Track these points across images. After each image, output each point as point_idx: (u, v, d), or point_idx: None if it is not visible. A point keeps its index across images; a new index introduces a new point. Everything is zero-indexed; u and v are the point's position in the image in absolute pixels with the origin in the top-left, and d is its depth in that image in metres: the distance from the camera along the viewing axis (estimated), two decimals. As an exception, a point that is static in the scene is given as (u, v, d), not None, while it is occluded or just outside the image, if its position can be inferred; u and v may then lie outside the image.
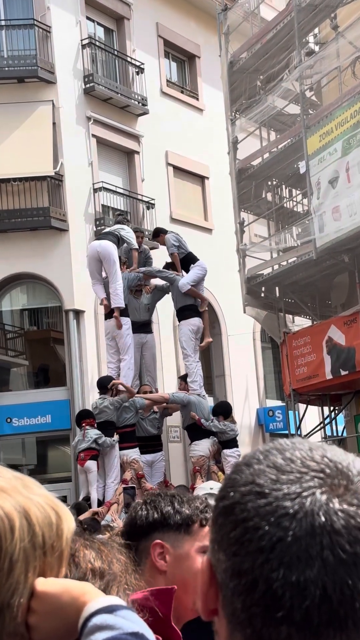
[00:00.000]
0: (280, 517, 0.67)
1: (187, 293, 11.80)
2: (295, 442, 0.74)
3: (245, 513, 0.69)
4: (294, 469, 0.70)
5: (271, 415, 17.95)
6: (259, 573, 0.67)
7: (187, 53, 18.78)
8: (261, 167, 14.58)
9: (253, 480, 0.70)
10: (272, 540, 0.67)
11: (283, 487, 0.69)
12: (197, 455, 11.26)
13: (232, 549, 0.69)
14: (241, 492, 0.70)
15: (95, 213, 15.57)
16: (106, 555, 1.57)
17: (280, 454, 0.72)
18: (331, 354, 13.00)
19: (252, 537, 0.68)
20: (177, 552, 1.84)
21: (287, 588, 0.65)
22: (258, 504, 0.69)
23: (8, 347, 16.50)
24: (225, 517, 0.71)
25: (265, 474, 0.70)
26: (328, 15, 13.39)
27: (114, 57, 16.96)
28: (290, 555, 0.66)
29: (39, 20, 15.45)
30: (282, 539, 0.67)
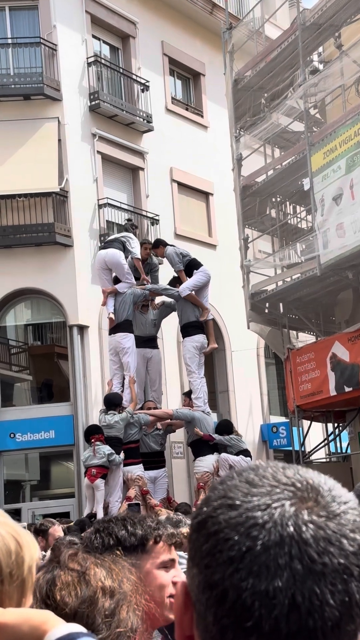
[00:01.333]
0: (250, 528, 0.68)
1: (186, 298, 11.84)
2: (269, 463, 0.75)
3: (216, 526, 0.69)
4: (265, 483, 0.71)
5: (275, 432, 17.90)
6: (229, 583, 0.67)
7: (192, 71, 18.93)
8: (265, 183, 14.65)
9: (225, 495, 0.71)
10: (241, 550, 0.67)
11: (253, 499, 0.69)
12: (201, 471, 11.23)
13: (204, 561, 0.69)
14: (213, 507, 0.71)
15: (99, 229, 15.63)
16: (117, 574, 1.56)
17: (253, 471, 0.73)
18: (335, 370, 12.99)
19: (222, 547, 0.68)
20: (139, 571, 1.88)
21: (256, 597, 0.65)
22: (229, 515, 0.69)
23: (12, 362, 16.51)
24: (199, 532, 0.71)
25: (237, 488, 0.71)
26: (332, 34, 13.51)
27: (120, 74, 17.11)
28: (259, 565, 0.66)
29: (45, 39, 15.60)
30: (251, 548, 0.67)
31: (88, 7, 16.24)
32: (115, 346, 11.80)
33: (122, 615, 1.48)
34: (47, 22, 15.72)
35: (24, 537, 0.89)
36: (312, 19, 13.08)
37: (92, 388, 14.76)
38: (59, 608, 1.38)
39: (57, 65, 15.64)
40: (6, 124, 15.06)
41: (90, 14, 16.30)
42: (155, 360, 12.54)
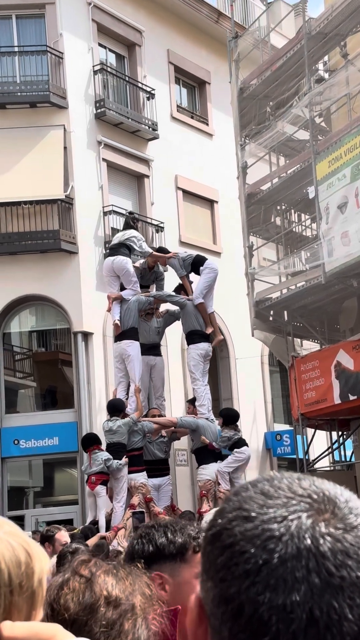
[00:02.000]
0: (266, 540, 0.66)
1: (198, 307, 11.90)
2: (284, 474, 0.74)
3: (232, 538, 0.68)
4: (281, 495, 0.70)
5: (279, 440, 17.87)
6: (245, 597, 0.65)
7: (198, 79, 19.00)
8: (270, 191, 14.68)
9: (240, 506, 0.70)
10: (258, 563, 0.66)
11: (269, 511, 0.68)
12: (204, 479, 11.21)
13: (220, 575, 0.68)
14: (228, 518, 0.70)
15: (104, 236, 15.67)
16: (127, 586, 1.53)
17: (268, 482, 0.72)
18: (340, 378, 12.97)
19: (238, 561, 0.67)
20: (176, 581, 1.89)
21: (273, 612, 0.64)
22: (245, 527, 0.68)
23: (16, 369, 16.52)
24: (213, 544, 0.70)
25: (252, 499, 0.70)
26: (338, 44, 13.56)
27: (125, 82, 17.18)
28: (276, 578, 0.65)
29: (52, 47, 15.68)
30: (267, 561, 0.65)
31: (94, 16, 16.33)
32: (121, 353, 11.81)
33: (125, 627, 1.46)
34: (53, 30, 15.80)
35: (35, 548, 0.89)
36: (318, 28, 13.12)
37: (96, 395, 14.76)
38: (60, 612, 1.38)
39: (63, 73, 15.71)
40: (12, 131, 15.12)
41: (96, 22, 16.38)
42: (158, 368, 12.54)
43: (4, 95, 15.37)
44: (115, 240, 12.23)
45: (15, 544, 0.86)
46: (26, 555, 0.86)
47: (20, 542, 0.87)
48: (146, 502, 10.74)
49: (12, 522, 0.91)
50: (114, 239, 12.47)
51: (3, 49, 15.83)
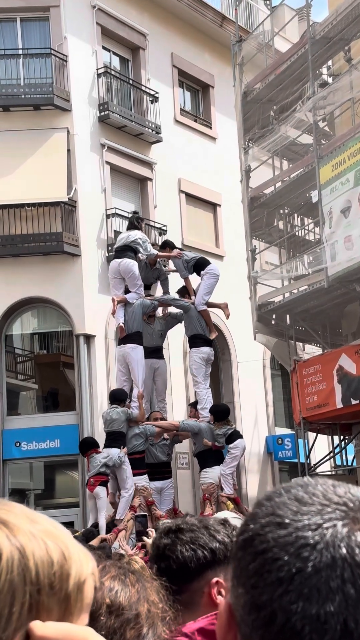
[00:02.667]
0: (300, 548, 0.65)
1: (202, 314, 11.91)
2: (318, 479, 0.72)
3: (264, 544, 0.67)
4: (315, 502, 0.68)
5: (280, 444, 17.85)
6: (278, 605, 0.64)
7: (201, 83, 19.02)
8: (273, 195, 14.69)
9: (273, 512, 0.68)
10: (291, 572, 0.64)
11: (304, 518, 0.67)
12: (207, 482, 11.20)
13: (251, 581, 0.67)
14: (261, 524, 0.68)
15: (107, 239, 15.68)
16: (134, 593, 1.50)
17: (302, 488, 0.70)
18: (342, 382, 12.96)
19: (271, 568, 0.65)
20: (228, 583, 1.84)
21: (307, 622, 0.63)
22: (278, 534, 0.66)
23: (18, 371, 16.52)
24: (245, 550, 0.69)
25: (286, 505, 0.68)
26: (342, 48, 13.58)
27: (129, 85, 17.20)
28: (309, 587, 0.63)
29: (56, 50, 15.71)
30: (301, 570, 0.64)
31: (99, 19, 16.36)
32: (124, 357, 11.81)
33: (127, 636, 1.44)
34: (57, 33, 15.83)
35: (74, 550, 0.86)
36: (322, 32, 13.14)
37: (97, 397, 14.75)
38: None
39: (67, 76, 15.74)
40: (16, 133, 15.14)
41: (100, 25, 16.42)
42: (161, 371, 12.55)
43: (8, 97, 15.40)
44: (121, 242, 12.20)
45: (50, 543, 0.84)
46: (61, 555, 0.84)
47: (59, 543, 0.85)
48: (148, 505, 10.72)
49: (57, 522, 0.90)
50: (119, 240, 12.44)
51: (7, 52, 15.86)
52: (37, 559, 0.82)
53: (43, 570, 0.82)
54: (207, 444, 11.28)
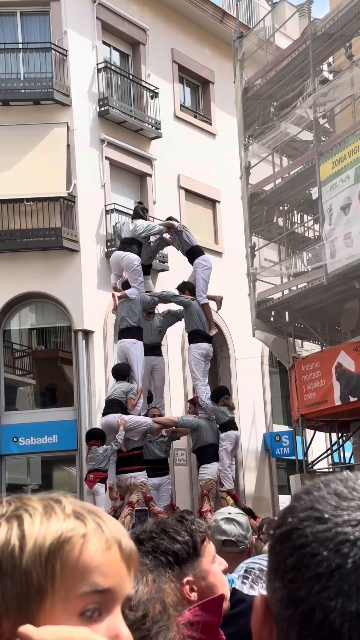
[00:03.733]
0: (339, 544, 0.64)
1: (204, 308, 11.95)
2: (358, 474, 0.71)
3: (303, 539, 0.66)
4: (355, 497, 0.67)
5: (278, 441, 17.85)
6: (316, 601, 0.64)
7: (201, 79, 18.98)
8: (273, 192, 14.66)
9: (312, 506, 0.68)
10: (330, 567, 0.64)
11: (343, 513, 0.66)
12: (205, 478, 11.20)
13: (289, 575, 0.66)
14: (299, 518, 0.68)
15: (106, 234, 15.65)
16: (145, 593, 1.44)
17: (342, 483, 0.69)
18: (340, 380, 12.96)
19: (309, 563, 0.65)
20: (201, 575, 1.89)
21: (346, 618, 0.62)
22: (317, 529, 0.66)
23: (15, 366, 16.50)
24: (282, 543, 0.68)
25: (325, 500, 0.68)
26: (343, 45, 13.54)
27: (129, 81, 17.16)
28: (349, 584, 0.63)
29: (56, 44, 15.66)
30: (341, 566, 0.64)
31: (99, 14, 16.31)
32: (124, 352, 11.79)
33: (136, 636, 1.41)
34: (58, 27, 15.78)
35: (36, 522, 0.83)
36: (323, 29, 13.11)
37: (96, 393, 14.74)
38: None
39: (67, 70, 15.69)
40: (15, 128, 15.10)
41: (101, 20, 16.36)
42: (159, 368, 12.54)
43: (7, 92, 15.35)
44: (127, 233, 12.14)
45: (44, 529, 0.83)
46: (12, 530, 0.82)
47: (11, 518, 0.83)
48: (146, 501, 10.72)
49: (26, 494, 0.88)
50: (123, 230, 12.34)
51: (7, 46, 15.80)
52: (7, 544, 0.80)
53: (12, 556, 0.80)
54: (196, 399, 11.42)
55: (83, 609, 0.81)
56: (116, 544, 0.86)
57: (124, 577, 0.85)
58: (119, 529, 0.88)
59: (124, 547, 0.86)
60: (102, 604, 0.83)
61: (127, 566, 0.86)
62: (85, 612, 0.82)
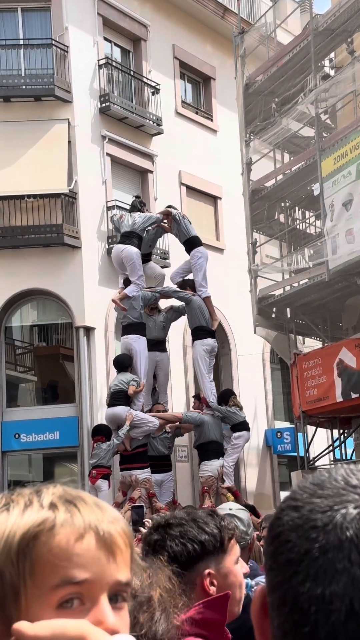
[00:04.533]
0: (308, 530, 0.65)
1: (206, 301, 11.97)
2: (350, 466, 0.71)
3: (279, 527, 0.68)
4: (333, 486, 0.68)
5: (279, 437, 17.85)
6: (287, 587, 0.65)
7: (203, 75, 18.95)
8: (275, 188, 14.65)
9: (293, 496, 0.69)
10: (299, 553, 0.65)
11: (317, 501, 0.67)
12: (206, 475, 11.21)
13: (268, 563, 0.68)
14: (281, 507, 0.70)
15: (107, 231, 15.64)
16: (145, 578, 1.50)
17: (327, 472, 0.71)
18: (342, 376, 12.96)
19: (283, 549, 0.66)
20: (222, 572, 1.89)
21: (313, 602, 0.63)
22: (291, 516, 0.67)
23: (17, 363, 16.50)
24: (268, 534, 0.70)
25: (305, 489, 0.69)
26: (344, 40, 13.52)
27: (130, 77, 17.13)
28: (316, 569, 0.64)
29: (57, 40, 15.63)
30: (309, 551, 0.65)
31: (100, 10, 16.27)
32: (127, 348, 11.81)
33: (140, 620, 1.44)
34: (59, 23, 15.75)
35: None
36: (325, 24, 13.08)
37: (97, 390, 14.74)
38: None
39: (68, 67, 15.66)
40: (17, 124, 15.07)
41: (102, 16, 16.33)
42: (163, 364, 12.54)
43: (8, 88, 15.33)
44: (127, 227, 12.19)
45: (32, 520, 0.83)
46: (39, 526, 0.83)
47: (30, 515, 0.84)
48: (149, 497, 10.73)
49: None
50: (123, 224, 12.40)
51: (8, 42, 15.77)
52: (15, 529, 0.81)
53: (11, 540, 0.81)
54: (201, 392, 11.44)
55: (60, 601, 0.80)
56: (92, 532, 0.84)
57: (103, 565, 0.84)
58: (97, 516, 0.86)
59: (102, 534, 0.85)
60: (82, 594, 0.82)
61: (107, 553, 0.85)
62: (63, 604, 0.81)
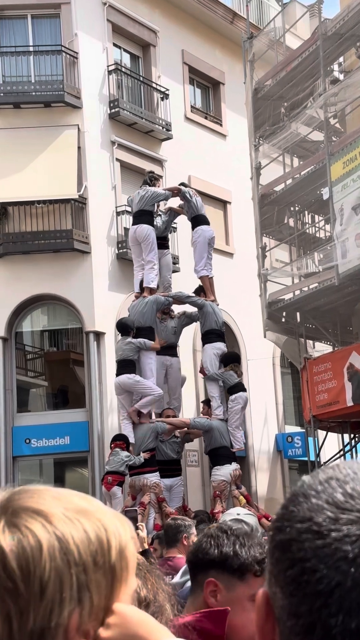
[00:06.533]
0: (339, 561, 0.65)
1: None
2: (357, 473, 0.70)
3: (302, 552, 0.67)
4: (354, 508, 0.67)
5: (290, 442, 17.81)
6: (317, 617, 0.65)
7: (212, 80, 18.99)
8: (284, 192, 14.64)
9: (311, 518, 0.68)
10: (330, 585, 0.64)
11: (343, 528, 0.66)
12: (218, 479, 11.18)
13: (289, 588, 0.67)
14: (298, 529, 0.68)
15: (117, 236, 15.68)
16: (152, 585, 1.53)
17: (340, 487, 0.69)
18: (352, 380, 12.92)
19: (309, 579, 0.66)
20: (230, 595, 1.85)
21: (347, 635, 0.63)
22: (316, 544, 0.66)
23: (28, 368, 16.55)
24: (282, 552, 0.69)
25: (323, 511, 0.67)
26: (353, 44, 13.51)
27: (140, 82, 17.19)
28: (350, 601, 0.64)
29: (67, 47, 15.71)
30: (341, 583, 0.64)
31: (109, 16, 16.34)
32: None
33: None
34: (68, 30, 15.83)
35: (111, 522, 0.89)
36: (334, 28, 13.08)
37: (107, 394, 14.76)
38: None
39: (77, 73, 15.73)
40: (26, 130, 15.15)
41: (111, 22, 16.40)
42: (174, 368, 12.53)
43: (18, 94, 15.41)
44: (136, 206, 12.22)
45: (85, 522, 0.86)
46: (99, 530, 0.86)
47: (92, 518, 0.87)
48: (159, 502, 10.72)
49: (88, 495, 0.91)
50: (134, 203, 12.42)
51: (18, 49, 15.87)
52: (77, 541, 0.85)
53: (85, 550, 0.85)
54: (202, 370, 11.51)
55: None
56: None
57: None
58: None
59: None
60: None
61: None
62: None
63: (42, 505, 0.86)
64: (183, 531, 5.39)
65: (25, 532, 0.83)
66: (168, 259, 12.95)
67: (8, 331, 15.12)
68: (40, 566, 0.82)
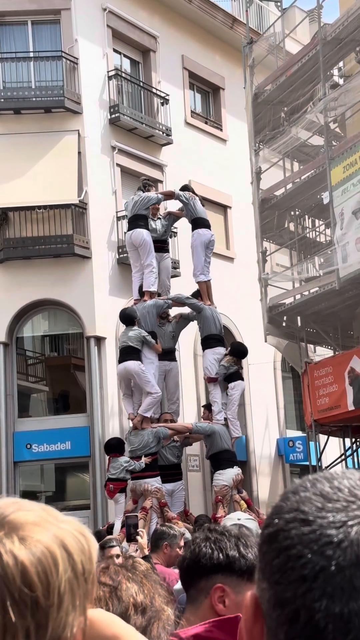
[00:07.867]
0: (324, 546, 0.65)
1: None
2: (345, 472, 0.71)
3: (288, 540, 0.67)
4: (340, 498, 0.68)
5: (291, 446, 17.79)
6: (301, 603, 0.64)
7: (212, 85, 19.03)
8: (284, 197, 14.65)
9: (298, 507, 0.68)
10: (314, 569, 0.64)
11: (328, 515, 0.66)
12: (220, 484, 11.16)
13: (275, 577, 0.67)
14: (285, 519, 0.68)
15: (118, 241, 15.69)
16: (149, 590, 1.53)
17: (328, 482, 0.70)
18: (353, 385, 12.91)
19: (294, 565, 0.66)
20: (238, 599, 1.79)
21: (330, 620, 0.63)
22: (302, 531, 0.66)
23: (28, 373, 16.55)
24: (269, 544, 0.69)
25: (310, 501, 0.68)
26: (353, 49, 13.54)
27: (140, 88, 17.23)
28: (333, 586, 0.64)
29: (67, 52, 15.75)
30: (325, 568, 0.64)
31: (109, 22, 16.39)
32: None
33: (153, 633, 1.45)
34: (68, 36, 15.87)
35: (86, 530, 0.90)
36: (333, 33, 13.11)
37: (108, 400, 14.76)
38: None
39: (78, 78, 15.77)
40: (27, 136, 15.19)
41: (111, 28, 16.45)
42: (173, 373, 12.53)
43: (19, 100, 15.45)
44: (130, 212, 12.27)
45: (75, 532, 0.87)
46: (84, 539, 0.87)
47: (76, 527, 0.88)
48: (161, 507, 10.71)
49: (51, 507, 0.92)
50: (128, 209, 12.46)
51: (19, 55, 15.91)
52: (76, 550, 0.85)
53: (82, 559, 0.86)
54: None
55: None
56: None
57: None
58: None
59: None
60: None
61: None
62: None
63: (34, 516, 0.86)
64: (165, 539, 5.39)
65: (35, 544, 0.82)
66: (167, 263, 12.95)
67: (9, 336, 15.12)
68: (58, 577, 0.82)
